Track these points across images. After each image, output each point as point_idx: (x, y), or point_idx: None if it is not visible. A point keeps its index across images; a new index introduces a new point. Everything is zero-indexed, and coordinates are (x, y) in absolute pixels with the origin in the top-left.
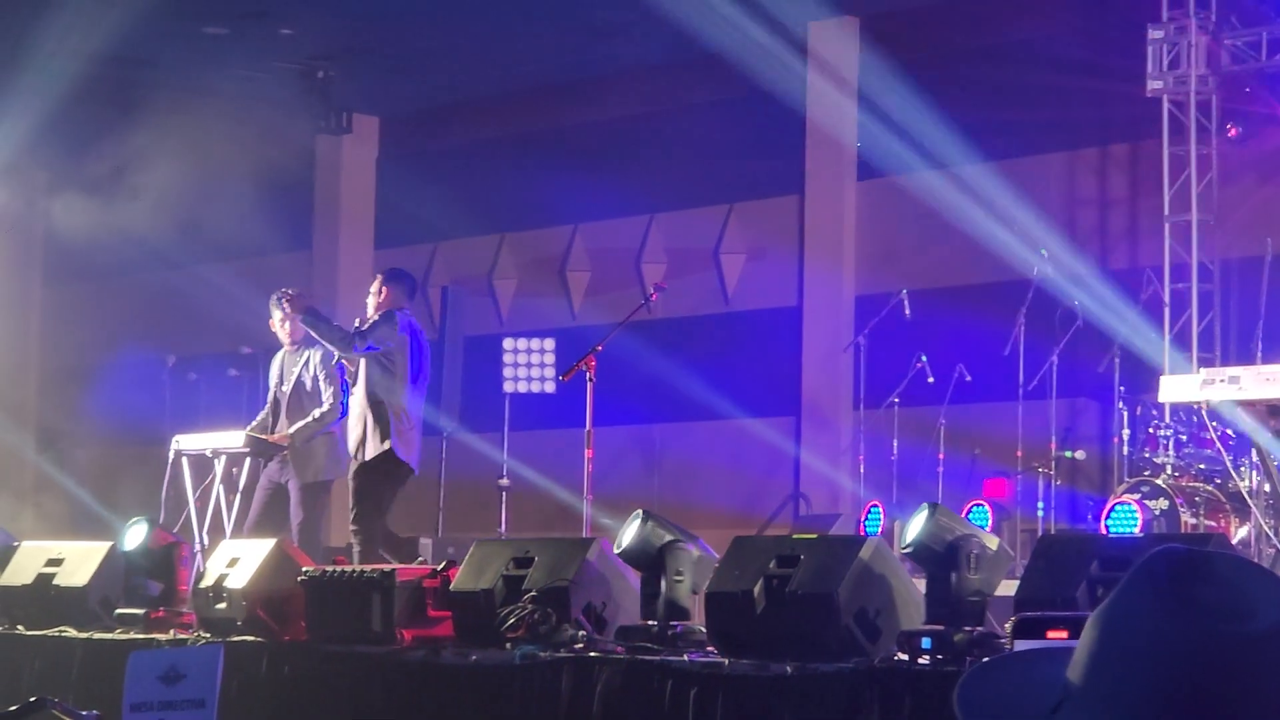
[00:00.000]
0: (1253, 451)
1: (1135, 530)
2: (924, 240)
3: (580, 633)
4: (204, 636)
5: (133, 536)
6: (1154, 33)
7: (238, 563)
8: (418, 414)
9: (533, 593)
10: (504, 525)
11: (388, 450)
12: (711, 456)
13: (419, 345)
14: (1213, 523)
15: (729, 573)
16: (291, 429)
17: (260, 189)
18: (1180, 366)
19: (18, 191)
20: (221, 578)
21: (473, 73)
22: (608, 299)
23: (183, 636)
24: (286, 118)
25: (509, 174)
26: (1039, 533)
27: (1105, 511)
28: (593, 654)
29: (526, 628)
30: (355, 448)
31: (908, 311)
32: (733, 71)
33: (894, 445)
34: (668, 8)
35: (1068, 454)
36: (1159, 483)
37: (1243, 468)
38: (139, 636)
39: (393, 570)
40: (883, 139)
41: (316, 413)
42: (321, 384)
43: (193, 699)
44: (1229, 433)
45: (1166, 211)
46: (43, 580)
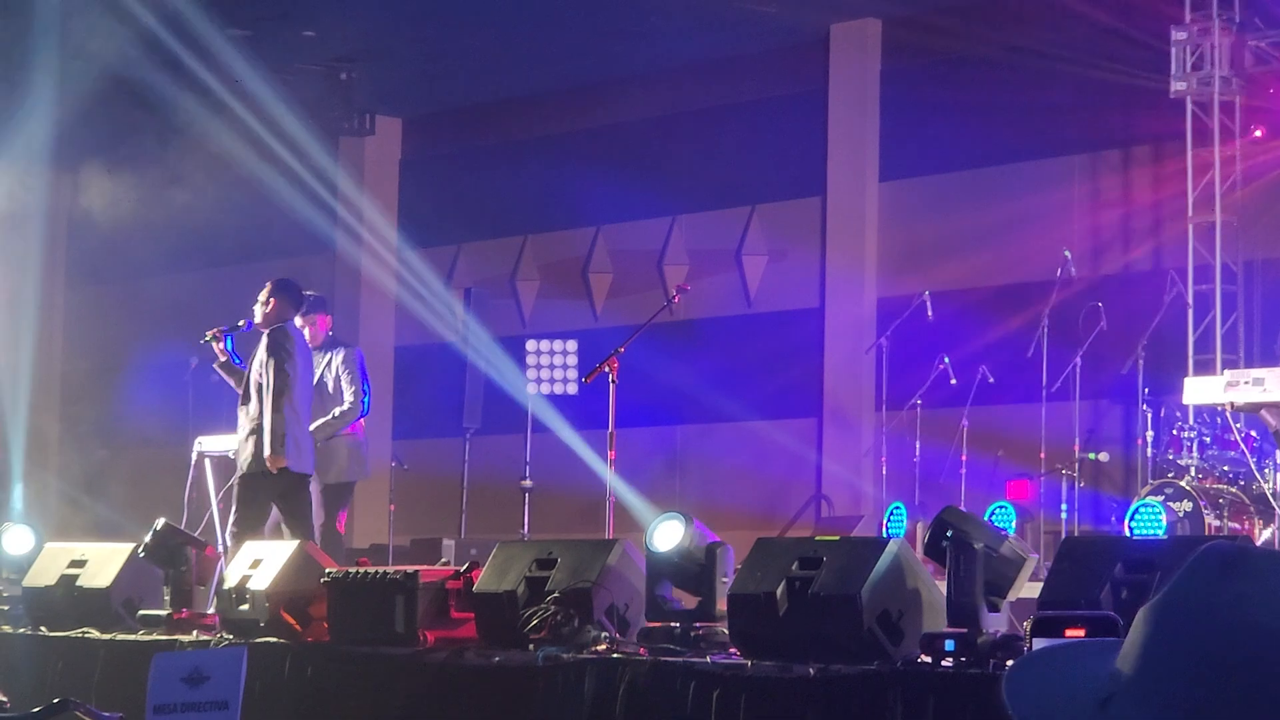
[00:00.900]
0: (1277, 453)
1: (1159, 532)
2: (946, 242)
3: (603, 634)
4: (227, 638)
5: (154, 538)
6: (1178, 34)
7: (260, 564)
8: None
9: (555, 594)
10: (527, 526)
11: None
12: (733, 458)
13: (307, 359)
14: (1236, 525)
15: (751, 574)
16: (312, 426)
17: (283, 190)
18: (1204, 368)
19: (42, 192)
20: (244, 579)
21: (495, 74)
22: (630, 301)
23: (206, 638)
24: (309, 120)
25: (532, 176)
26: (1062, 535)
27: (1129, 513)
28: (616, 655)
29: (549, 629)
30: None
31: (930, 313)
32: (755, 73)
33: (916, 447)
34: (690, 10)
35: (1091, 456)
36: (1183, 485)
37: (1267, 469)
38: (162, 638)
39: (416, 572)
40: (905, 140)
41: (337, 411)
42: (343, 383)
43: (216, 700)
44: (1253, 434)
45: (1190, 213)
46: (66, 582)
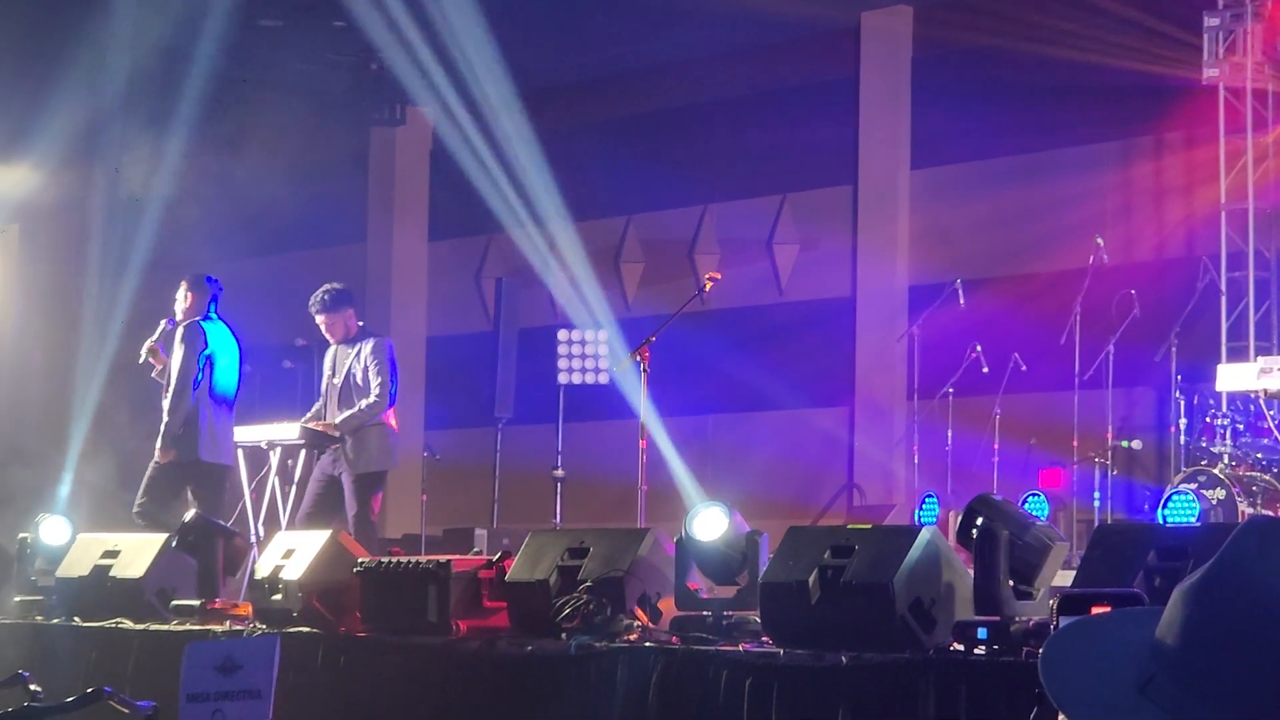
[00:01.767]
0: None
1: (1192, 520)
2: (978, 229)
3: (635, 623)
4: (260, 628)
5: (187, 528)
6: (1210, 20)
7: (293, 554)
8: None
9: (588, 583)
10: (559, 516)
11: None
12: (765, 447)
13: (230, 353)
14: (1270, 512)
15: (784, 563)
16: (338, 419)
17: (315, 181)
18: (1237, 355)
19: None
20: (277, 569)
21: (525, 64)
22: (661, 290)
23: (239, 628)
24: (340, 111)
25: (562, 166)
26: (1095, 523)
27: (1162, 501)
28: (648, 644)
29: (582, 618)
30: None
31: (962, 301)
32: (786, 62)
33: (949, 435)
34: None
35: (1124, 443)
36: (1216, 472)
37: None
38: (195, 628)
39: (448, 561)
40: (936, 128)
41: (363, 403)
42: (371, 375)
43: (249, 689)
44: None
45: (1223, 199)
46: (99, 572)
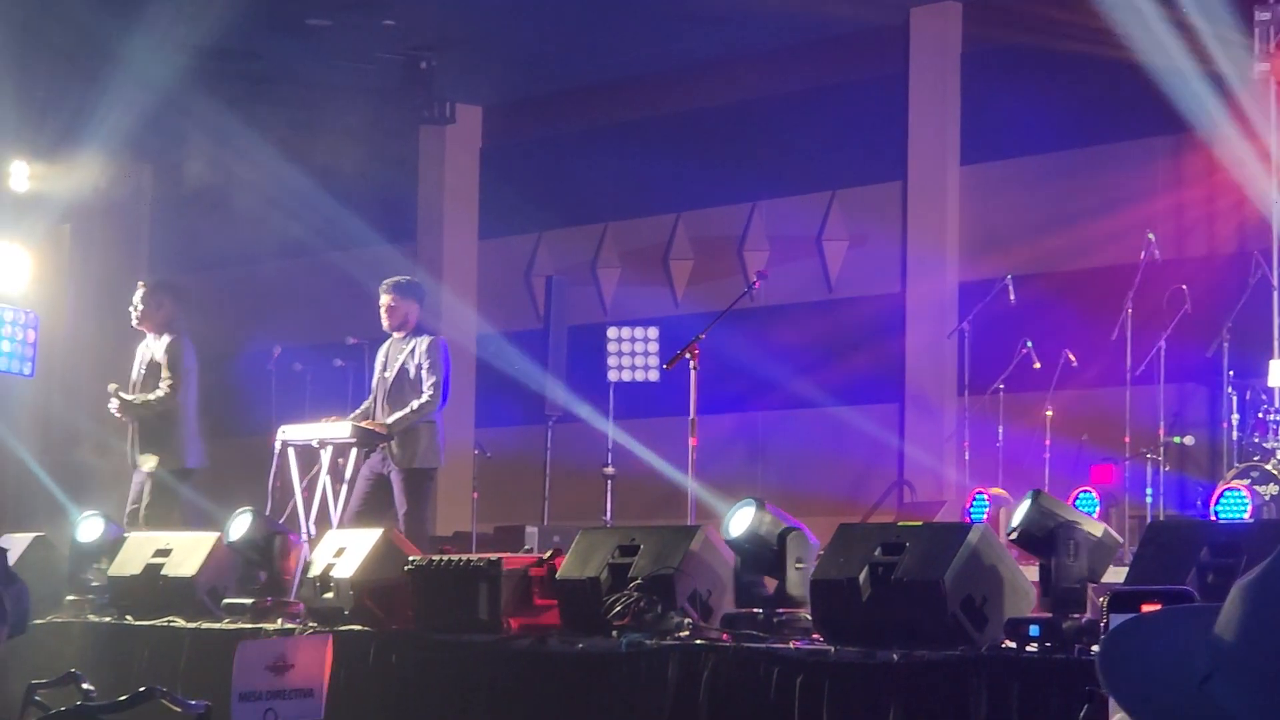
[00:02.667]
0: None
1: (1245, 516)
2: (1029, 225)
3: (686, 620)
4: (311, 626)
5: (238, 527)
6: (1261, 14)
7: (345, 552)
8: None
9: (638, 580)
10: (609, 513)
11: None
12: (815, 444)
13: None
14: None
15: (834, 560)
16: (390, 419)
17: (364, 180)
18: None
19: (123, 184)
20: (329, 567)
21: (575, 61)
22: (711, 287)
23: (290, 626)
24: (389, 109)
25: (612, 163)
26: (1148, 519)
27: (1214, 497)
28: (699, 642)
29: (632, 615)
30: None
31: (1012, 297)
32: (834, 58)
33: (999, 432)
34: None
35: (1176, 440)
36: (1269, 468)
37: None
38: (247, 626)
39: (499, 559)
40: (986, 123)
41: (415, 403)
42: (424, 373)
43: (301, 688)
44: None
45: (1275, 194)
46: (151, 571)
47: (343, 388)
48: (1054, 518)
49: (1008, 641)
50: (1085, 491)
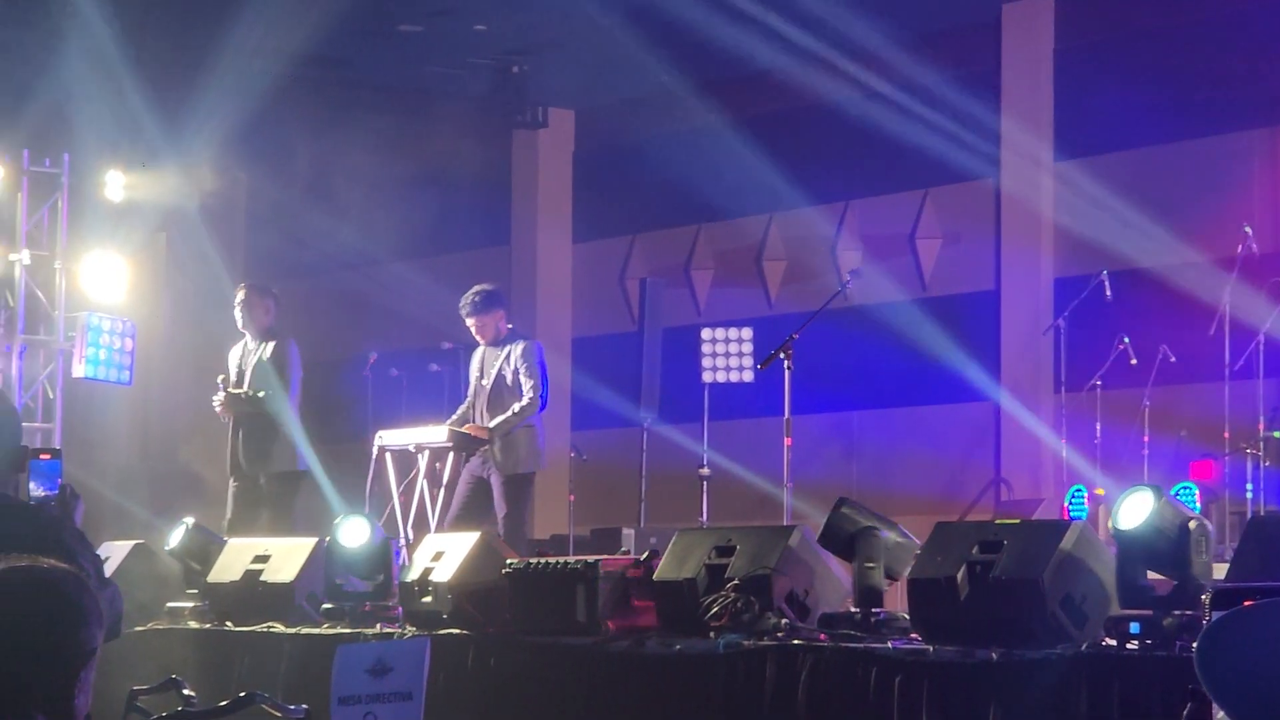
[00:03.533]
0: None
1: None
2: (1124, 220)
3: (783, 620)
4: (410, 630)
5: (352, 533)
6: None
7: (443, 556)
8: None
9: (735, 581)
10: (705, 514)
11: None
12: (911, 443)
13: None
14: None
15: (931, 559)
16: (491, 423)
17: (458, 184)
18: None
19: (219, 192)
20: (427, 571)
21: (666, 63)
22: (804, 287)
23: (389, 631)
24: (482, 114)
25: (704, 164)
26: (1248, 515)
27: None
28: (796, 642)
29: (729, 616)
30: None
31: (1108, 292)
32: (926, 55)
33: (1097, 428)
34: None
35: (1276, 434)
36: None
37: None
38: (346, 631)
39: (596, 561)
40: (1079, 119)
41: (516, 406)
42: (522, 377)
43: (400, 692)
44: None
45: None
46: (250, 577)
47: (439, 392)
48: (1173, 515)
49: (1108, 639)
50: (1185, 486)
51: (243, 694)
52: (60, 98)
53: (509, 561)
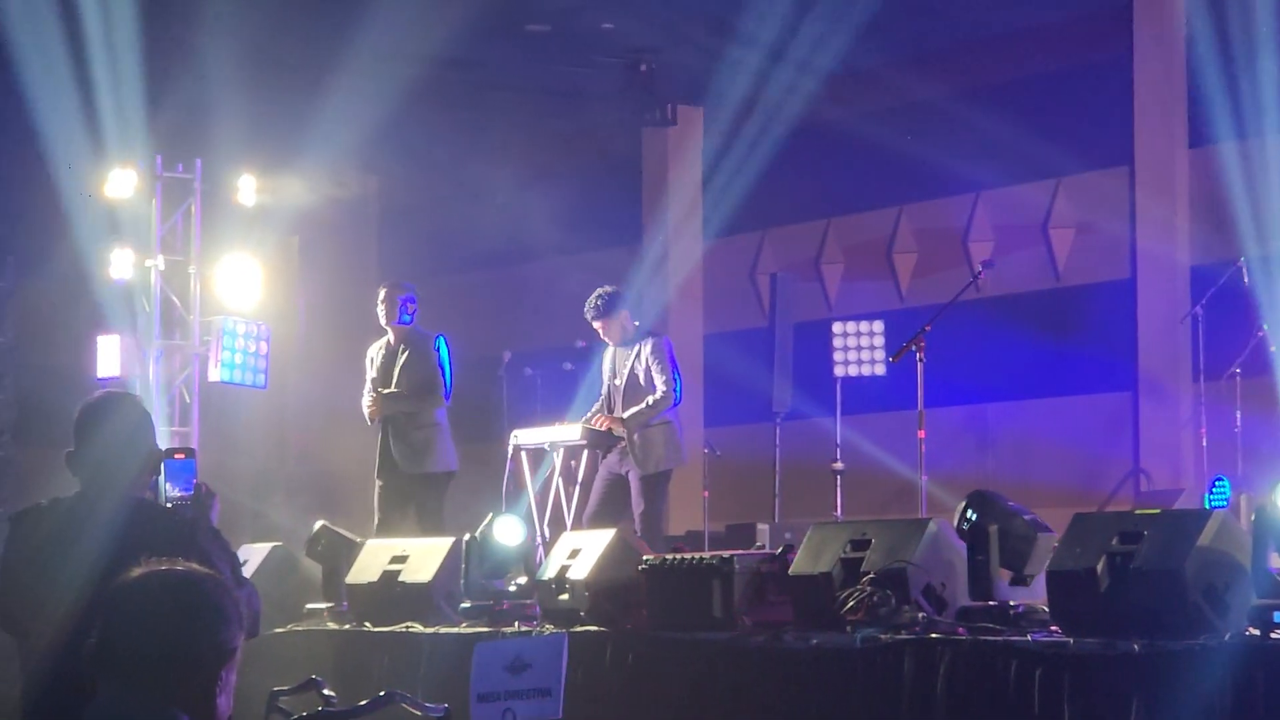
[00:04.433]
0: None
1: None
2: (1261, 206)
3: (920, 614)
4: (548, 628)
5: (504, 531)
6: None
7: (579, 554)
8: None
9: (871, 575)
10: (839, 508)
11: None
12: (1047, 434)
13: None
14: None
15: (1071, 551)
16: (626, 414)
17: (588, 184)
18: None
19: (350, 194)
20: (563, 569)
21: (792, 58)
22: (935, 279)
23: (526, 629)
24: (611, 112)
25: (833, 158)
26: None
27: None
28: (934, 635)
29: (866, 610)
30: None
31: (1246, 279)
32: (1057, 43)
33: (1237, 417)
34: None
35: None
36: None
37: None
38: (484, 629)
39: (732, 556)
40: (1213, 104)
41: (650, 399)
42: (654, 373)
43: (539, 688)
44: None
45: None
46: (388, 577)
47: (572, 391)
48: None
49: (1251, 629)
50: None
51: (382, 693)
52: (192, 103)
53: (645, 558)
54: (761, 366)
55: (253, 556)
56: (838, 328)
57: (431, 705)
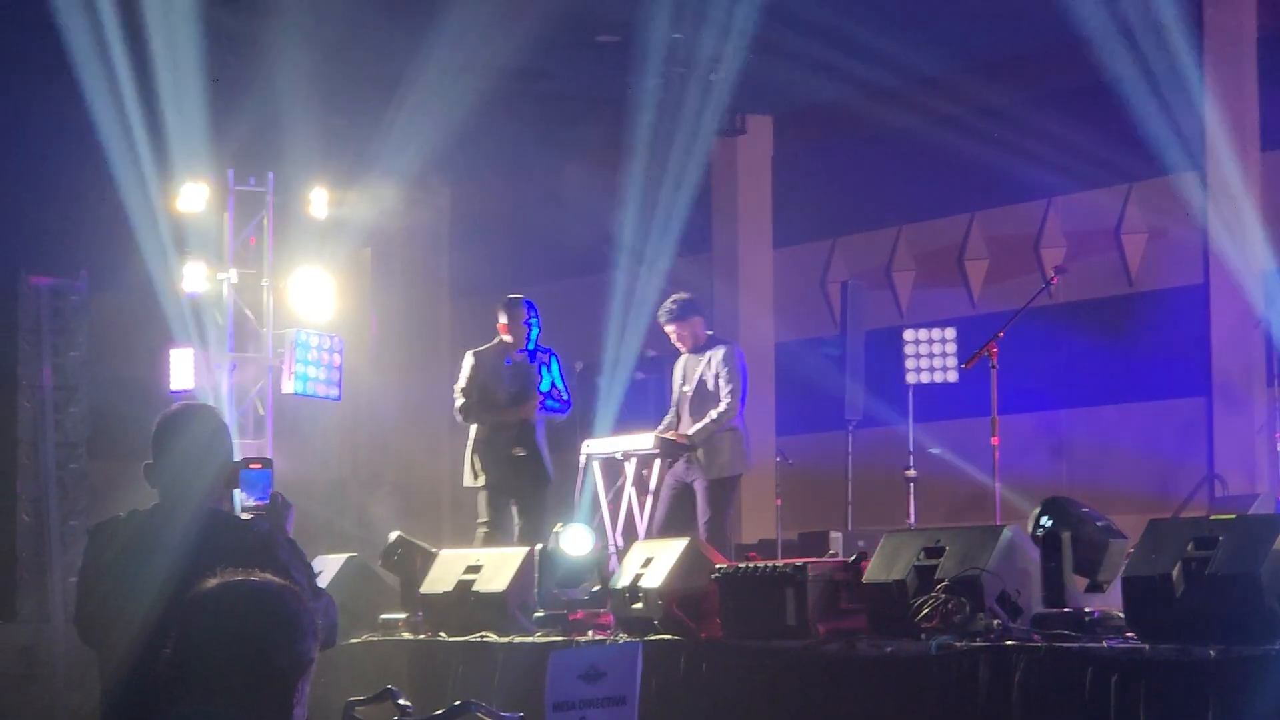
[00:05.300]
0: None
1: None
2: None
3: (995, 621)
4: (622, 637)
5: (574, 541)
6: None
7: (652, 563)
8: None
9: (945, 582)
10: (913, 516)
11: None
12: (1121, 440)
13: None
14: None
15: (1146, 557)
16: (692, 429)
17: (658, 193)
18: None
19: (423, 206)
20: (637, 578)
21: (862, 65)
22: (1007, 286)
23: (601, 638)
24: (680, 122)
25: (903, 166)
26: None
27: None
28: (1009, 642)
29: (940, 617)
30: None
31: None
32: (1128, 48)
33: None
34: None
35: None
36: None
37: None
38: (558, 639)
39: (805, 564)
40: None
41: (714, 413)
42: (721, 382)
43: (614, 696)
44: None
45: None
46: (462, 587)
47: (644, 400)
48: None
49: None
50: None
51: (458, 702)
52: (264, 116)
53: (718, 566)
54: (833, 374)
55: (328, 567)
56: (909, 335)
57: (507, 714)
